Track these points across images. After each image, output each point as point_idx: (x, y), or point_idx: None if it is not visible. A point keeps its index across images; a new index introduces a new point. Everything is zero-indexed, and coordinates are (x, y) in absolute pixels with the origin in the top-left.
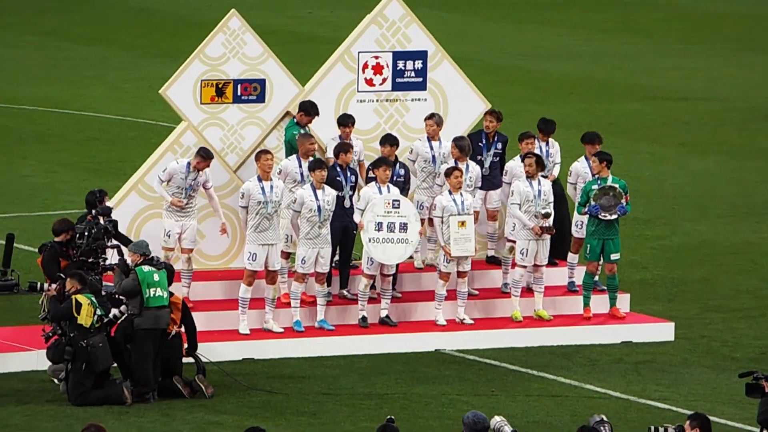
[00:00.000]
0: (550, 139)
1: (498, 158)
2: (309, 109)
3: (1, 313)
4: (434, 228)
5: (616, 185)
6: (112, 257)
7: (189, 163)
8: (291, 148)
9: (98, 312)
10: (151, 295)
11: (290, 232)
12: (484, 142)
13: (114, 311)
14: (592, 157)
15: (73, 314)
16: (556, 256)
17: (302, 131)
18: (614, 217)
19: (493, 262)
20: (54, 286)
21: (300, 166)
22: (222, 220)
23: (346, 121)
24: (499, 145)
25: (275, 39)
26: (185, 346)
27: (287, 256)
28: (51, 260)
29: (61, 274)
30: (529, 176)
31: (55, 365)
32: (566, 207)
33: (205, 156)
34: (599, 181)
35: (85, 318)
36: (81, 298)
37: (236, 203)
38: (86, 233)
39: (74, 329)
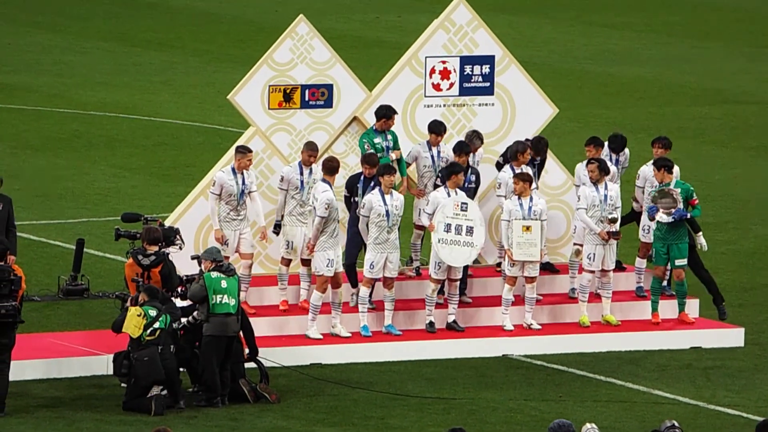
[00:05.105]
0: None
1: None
2: (387, 113)
3: (72, 317)
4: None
5: (676, 189)
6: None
7: (233, 168)
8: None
9: (157, 325)
10: (218, 302)
11: (291, 237)
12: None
13: (184, 320)
14: (652, 165)
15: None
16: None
17: (378, 137)
18: (671, 219)
19: (546, 268)
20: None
21: (301, 173)
22: (262, 224)
23: (439, 129)
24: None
25: (343, 44)
26: (246, 350)
27: (288, 262)
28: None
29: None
30: (594, 181)
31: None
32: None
33: (243, 151)
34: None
35: (132, 328)
36: (133, 309)
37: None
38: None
39: (130, 342)
